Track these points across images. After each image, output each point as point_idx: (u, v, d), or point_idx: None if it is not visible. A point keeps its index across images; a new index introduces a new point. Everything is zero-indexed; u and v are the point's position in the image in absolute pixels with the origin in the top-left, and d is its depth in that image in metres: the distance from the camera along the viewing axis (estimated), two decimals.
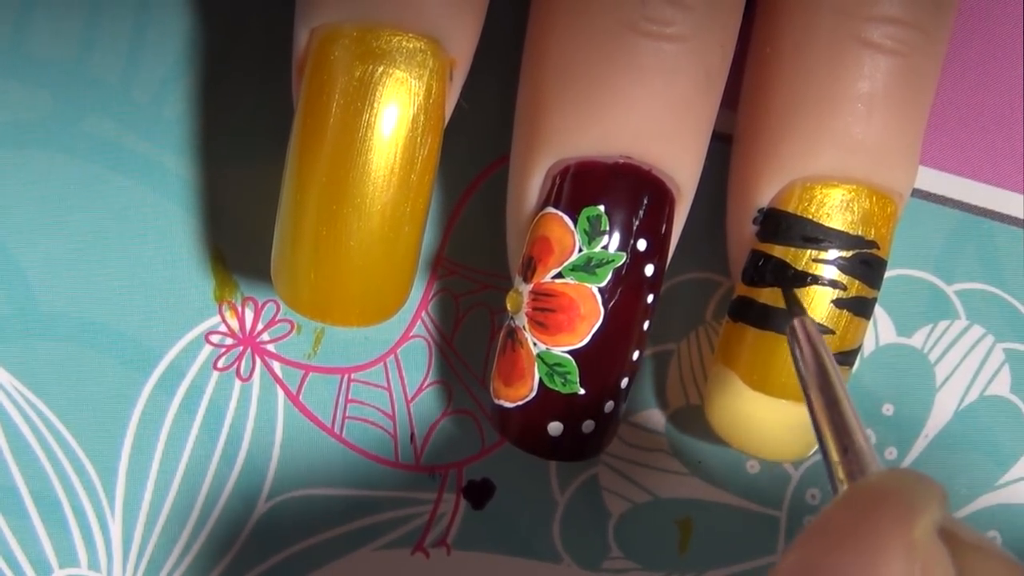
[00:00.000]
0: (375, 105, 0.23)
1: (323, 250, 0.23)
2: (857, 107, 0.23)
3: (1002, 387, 0.29)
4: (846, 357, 0.25)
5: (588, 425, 0.25)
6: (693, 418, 0.28)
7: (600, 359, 0.24)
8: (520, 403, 0.25)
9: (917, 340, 0.28)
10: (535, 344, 0.24)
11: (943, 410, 0.29)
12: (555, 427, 0.25)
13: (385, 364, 0.28)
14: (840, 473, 0.20)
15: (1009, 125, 0.28)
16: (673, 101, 0.23)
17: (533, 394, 0.24)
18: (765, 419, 0.25)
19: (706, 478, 0.29)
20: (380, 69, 0.22)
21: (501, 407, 0.25)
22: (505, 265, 0.28)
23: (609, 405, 0.25)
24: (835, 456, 0.20)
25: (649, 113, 0.23)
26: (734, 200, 0.26)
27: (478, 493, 0.29)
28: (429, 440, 0.28)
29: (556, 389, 0.24)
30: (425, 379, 0.28)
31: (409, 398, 0.28)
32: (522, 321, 0.24)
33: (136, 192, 0.27)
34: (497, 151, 0.28)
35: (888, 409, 0.29)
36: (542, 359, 0.24)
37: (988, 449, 0.29)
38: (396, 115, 0.23)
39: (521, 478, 0.28)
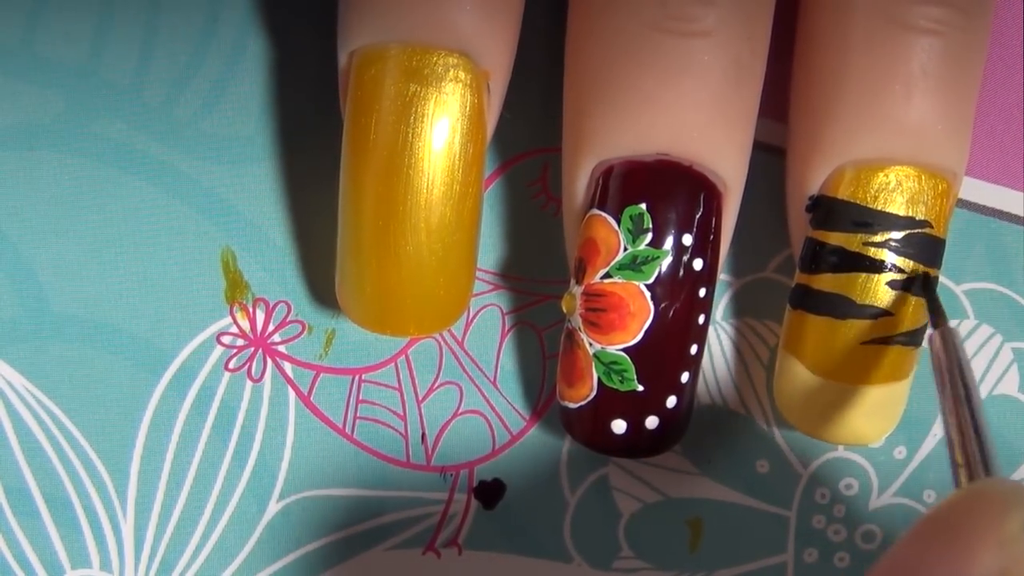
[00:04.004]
0: (413, 122, 0.23)
1: (374, 264, 0.24)
2: (896, 89, 0.23)
3: (1010, 386, 0.29)
4: (910, 337, 0.25)
5: (652, 421, 0.25)
6: (703, 417, 0.28)
7: (655, 355, 0.24)
8: (582, 403, 0.25)
9: (926, 340, 0.28)
10: (591, 344, 0.24)
11: None
12: (619, 425, 0.25)
13: (396, 365, 0.28)
14: (962, 477, 0.21)
15: (1016, 125, 0.28)
16: (704, 96, 0.23)
17: (594, 393, 0.25)
18: (832, 404, 0.25)
19: (716, 478, 0.29)
20: (416, 87, 0.23)
21: (566, 408, 0.25)
22: (514, 266, 0.28)
23: (671, 400, 0.25)
24: (960, 459, 0.21)
25: (681, 110, 0.23)
26: (789, 190, 0.26)
27: (489, 493, 0.29)
28: (440, 440, 0.28)
29: (615, 387, 0.24)
30: (436, 380, 0.28)
31: (420, 398, 0.28)
32: (577, 322, 0.25)
33: (147, 193, 0.27)
34: (502, 157, 0.28)
35: None
36: (598, 358, 0.24)
37: (997, 448, 0.29)
38: (435, 130, 0.23)
39: (532, 478, 0.28)
